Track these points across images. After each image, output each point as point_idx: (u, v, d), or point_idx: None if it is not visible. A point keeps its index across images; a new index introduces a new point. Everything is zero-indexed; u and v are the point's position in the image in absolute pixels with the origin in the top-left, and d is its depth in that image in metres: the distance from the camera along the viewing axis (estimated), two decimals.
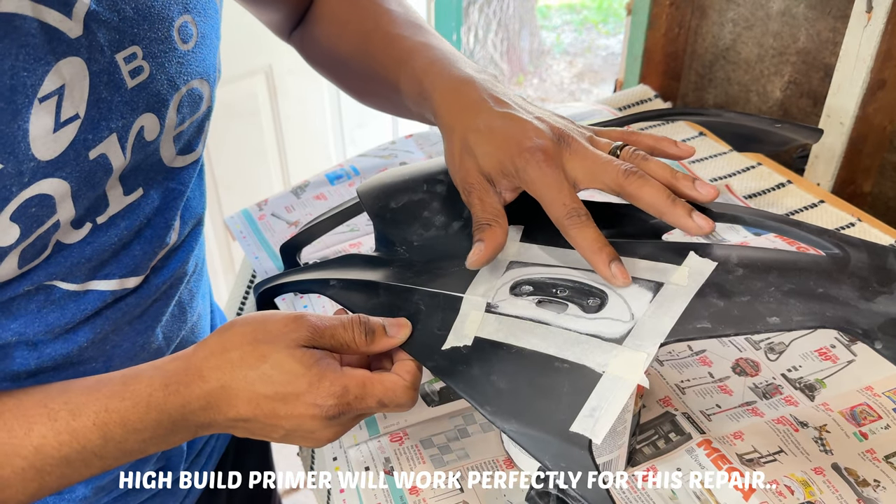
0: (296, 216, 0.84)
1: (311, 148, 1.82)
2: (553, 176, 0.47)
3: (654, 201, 0.47)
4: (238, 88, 1.58)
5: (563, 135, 0.49)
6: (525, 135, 0.48)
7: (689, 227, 0.46)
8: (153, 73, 0.44)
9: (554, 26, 4.43)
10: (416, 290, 0.51)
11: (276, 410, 0.43)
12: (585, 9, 4.56)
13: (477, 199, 0.50)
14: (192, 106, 0.49)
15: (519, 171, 0.48)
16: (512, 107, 0.51)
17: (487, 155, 0.49)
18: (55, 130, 0.39)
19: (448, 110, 0.52)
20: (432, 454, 0.56)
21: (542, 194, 0.48)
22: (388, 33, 0.59)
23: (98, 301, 0.48)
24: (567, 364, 0.44)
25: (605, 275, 0.46)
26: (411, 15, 0.61)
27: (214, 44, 0.51)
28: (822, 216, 0.78)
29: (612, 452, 0.51)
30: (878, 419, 0.56)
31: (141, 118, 0.44)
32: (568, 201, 0.47)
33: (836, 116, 0.83)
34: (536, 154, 0.48)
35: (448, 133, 0.52)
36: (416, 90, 0.55)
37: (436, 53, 0.55)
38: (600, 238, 0.47)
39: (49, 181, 0.40)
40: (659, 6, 1.01)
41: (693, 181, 0.49)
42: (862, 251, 0.46)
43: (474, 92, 0.52)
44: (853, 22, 0.78)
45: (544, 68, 4.07)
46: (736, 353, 0.62)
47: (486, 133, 0.49)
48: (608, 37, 4.31)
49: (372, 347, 0.46)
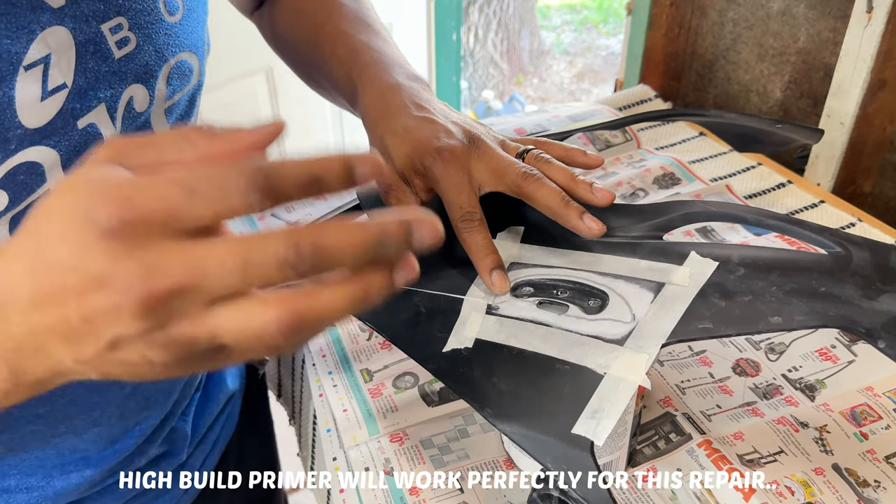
0: (296, 216, 0.84)
1: (311, 148, 1.82)
2: (457, 177, 0.50)
3: (548, 203, 0.49)
4: (238, 88, 1.58)
5: (474, 137, 0.52)
6: (436, 135, 0.51)
7: (579, 229, 0.49)
8: (140, 44, 0.44)
9: (554, 26, 4.42)
10: (417, 291, 0.51)
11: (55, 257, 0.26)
12: (585, 9, 4.56)
13: (394, 199, 0.52)
14: (181, 78, 0.49)
15: (427, 168, 0.51)
16: (431, 112, 0.54)
17: (402, 155, 0.52)
18: (42, 98, 0.39)
19: (372, 114, 0.55)
20: (432, 454, 0.56)
21: (444, 193, 0.50)
22: (337, 28, 0.61)
23: None
24: (568, 365, 0.44)
25: (486, 279, 0.49)
26: (362, 12, 0.64)
27: (202, 17, 0.51)
28: (823, 216, 0.77)
29: (612, 453, 0.51)
30: (879, 419, 0.56)
31: (130, 89, 0.44)
32: (465, 204, 0.50)
33: (836, 116, 0.83)
34: (444, 153, 0.50)
35: (370, 134, 0.55)
36: (349, 91, 0.58)
37: (373, 56, 0.58)
38: (489, 244, 0.49)
39: (37, 149, 0.40)
40: (659, 6, 1.01)
41: (591, 185, 0.51)
42: (864, 249, 0.46)
43: (398, 98, 0.55)
44: (853, 22, 0.78)
45: (544, 68, 4.07)
46: (736, 353, 0.62)
47: (402, 134, 0.52)
48: (608, 37, 4.31)
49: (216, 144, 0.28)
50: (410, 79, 0.57)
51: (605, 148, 0.90)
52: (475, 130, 0.53)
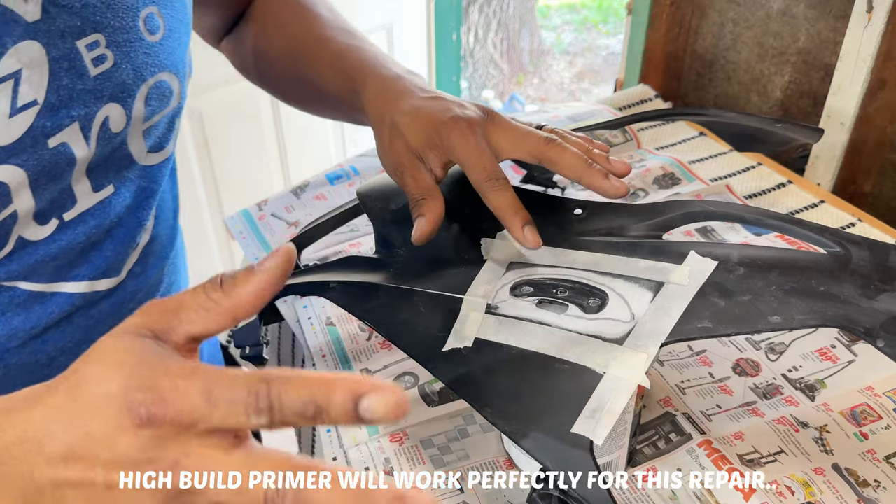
0: (296, 216, 0.84)
1: (311, 148, 1.82)
2: (475, 142, 0.50)
3: (573, 164, 0.50)
4: (239, 89, 1.58)
5: (488, 111, 0.53)
6: (449, 108, 0.52)
7: (605, 188, 0.50)
8: (118, 63, 0.43)
9: (554, 26, 4.43)
10: (416, 291, 0.51)
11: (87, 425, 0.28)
12: (585, 9, 4.56)
13: (410, 178, 0.52)
14: (161, 99, 0.48)
15: (443, 138, 0.51)
16: (439, 94, 0.54)
17: (415, 132, 0.52)
18: (11, 115, 0.38)
19: (377, 103, 0.55)
20: (432, 454, 0.56)
21: (464, 159, 0.50)
22: (320, 36, 0.62)
23: (66, 304, 0.46)
24: (568, 365, 0.44)
25: (518, 236, 0.49)
26: (340, 21, 0.64)
27: (184, 39, 0.50)
28: (823, 216, 0.77)
29: (612, 453, 0.51)
30: (879, 419, 0.56)
31: (105, 108, 0.43)
32: (488, 165, 0.50)
33: (836, 116, 0.83)
34: (460, 122, 0.51)
35: (378, 123, 0.55)
36: (347, 88, 0.58)
37: (366, 55, 0.59)
38: (516, 202, 0.50)
39: (3, 168, 0.38)
40: (659, 6, 1.01)
41: (607, 155, 0.52)
42: (863, 249, 0.46)
43: (401, 86, 0.55)
44: (853, 22, 0.78)
45: (544, 68, 4.07)
46: (736, 353, 0.62)
47: (413, 114, 0.53)
48: (608, 37, 4.31)
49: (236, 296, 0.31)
50: (407, 73, 0.57)
51: None
52: (486, 106, 0.54)
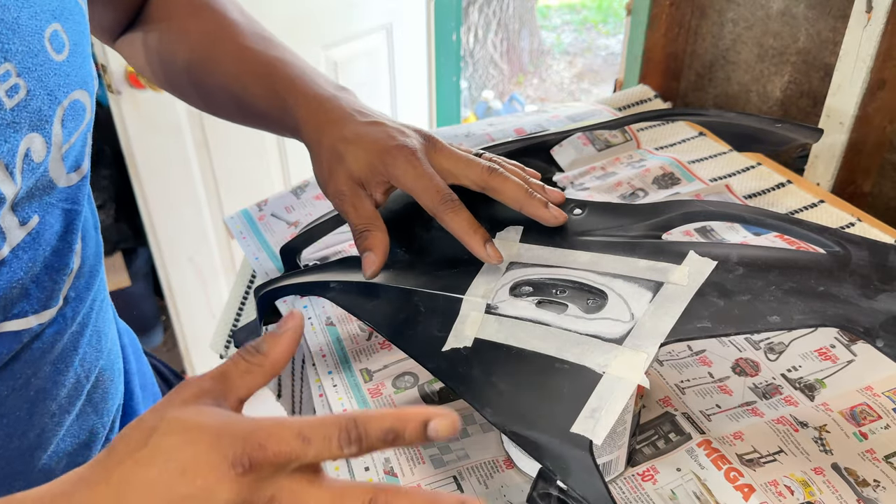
0: (296, 216, 0.84)
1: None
2: (422, 167, 0.51)
3: (514, 195, 0.52)
4: None
5: (428, 136, 0.53)
6: (391, 135, 0.52)
7: (545, 218, 0.52)
8: (31, 90, 0.41)
9: (554, 26, 4.43)
10: (416, 291, 0.51)
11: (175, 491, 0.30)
12: (585, 9, 4.56)
13: (350, 207, 0.52)
14: (75, 119, 0.45)
15: (388, 166, 0.51)
16: (376, 117, 0.54)
17: (357, 159, 0.52)
18: None
19: (314, 125, 0.55)
20: (432, 454, 0.56)
21: (412, 185, 0.51)
22: (238, 45, 0.60)
23: (14, 343, 0.44)
24: (567, 365, 0.44)
25: (482, 255, 0.51)
26: (255, 26, 0.62)
27: (87, 51, 0.47)
28: (822, 216, 0.77)
29: (612, 453, 0.51)
30: (878, 419, 0.56)
31: (26, 139, 0.41)
32: (440, 188, 0.51)
33: (835, 116, 0.83)
34: (404, 150, 0.51)
35: (315, 146, 0.55)
36: (276, 105, 0.57)
37: (294, 70, 0.58)
38: (473, 221, 0.51)
39: None
40: (659, 6, 1.01)
41: (543, 186, 0.55)
42: (863, 249, 0.46)
43: (337, 107, 0.55)
44: (853, 22, 0.78)
45: (544, 68, 4.07)
46: (736, 353, 0.62)
47: (355, 140, 0.52)
48: (608, 37, 4.31)
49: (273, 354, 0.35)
50: (339, 90, 0.57)
51: (604, 148, 0.90)
52: (424, 131, 0.54)
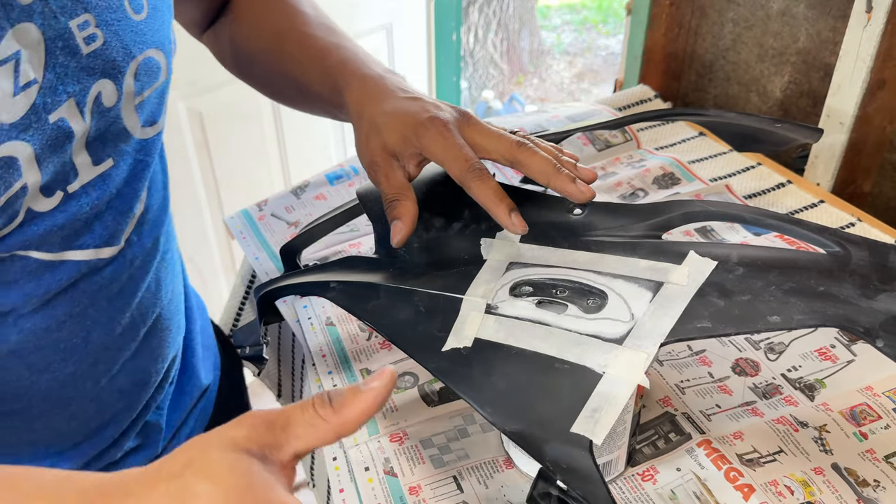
0: (296, 216, 0.85)
1: (311, 148, 1.82)
2: (451, 138, 0.52)
3: (542, 168, 0.52)
4: (239, 89, 1.57)
5: (464, 112, 0.55)
6: (426, 108, 0.54)
7: (571, 192, 0.52)
8: (107, 41, 0.46)
9: (554, 26, 4.43)
10: (416, 291, 0.51)
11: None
12: (585, 9, 4.56)
13: (383, 177, 0.54)
14: (149, 75, 0.50)
15: (420, 137, 0.52)
16: (417, 93, 0.56)
17: (392, 131, 0.53)
18: (15, 94, 0.41)
19: (359, 101, 0.57)
20: (432, 454, 0.56)
21: (442, 155, 0.52)
22: (303, 33, 0.63)
23: (73, 271, 0.49)
24: (567, 365, 0.44)
25: (506, 223, 0.52)
26: (323, 18, 0.66)
27: (167, 17, 0.53)
28: (822, 216, 0.78)
29: (612, 453, 0.51)
30: (878, 419, 0.56)
31: (98, 84, 0.46)
32: (469, 156, 0.52)
33: (835, 116, 0.83)
34: (436, 121, 0.53)
35: (357, 120, 0.57)
36: (329, 85, 0.60)
37: (348, 54, 0.61)
38: (499, 190, 0.52)
39: (12, 144, 0.41)
40: (659, 6, 1.01)
41: (575, 163, 0.54)
42: (863, 249, 0.46)
43: (383, 85, 0.57)
44: (853, 22, 0.78)
45: (544, 68, 4.07)
46: (736, 352, 0.62)
47: (391, 113, 0.54)
48: (608, 37, 4.31)
49: (345, 416, 0.35)
50: (387, 72, 0.59)
51: (604, 148, 0.90)
52: (462, 109, 0.55)
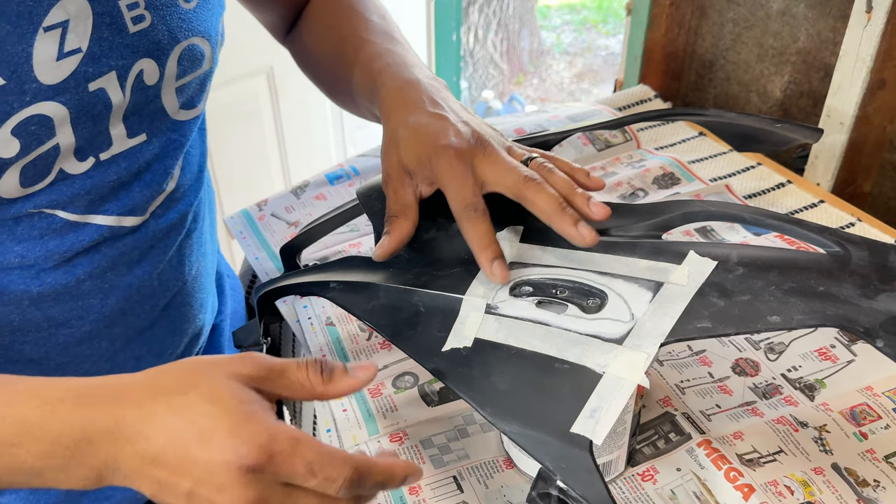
0: (296, 216, 0.85)
1: (311, 148, 1.82)
2: (460, 171, 0.51)
3: (545, 207, 0.50)
4: (239, 89, 1.58)
5: (481, 138, 0.53)
6: (445, 133, 0.53)
7: (571, 236, 0.49)
8: (154, 23, 0.48)
9: (554, 26, 4.43)
10: (416, 291, 0.51)
11: (187, 449, 0.36)
12: (585, 9, 4.56)
13: (392, 191, 0.54)
14: (192, 61, 0.52)
15: (432, 163, 0.52)
16: (444, 109, 0.55)
17: (409, 147, 0.53)
18: (58, 59, 0.43)
19: (389, 106, 0.57)
20: (432, 454, 0.56)
21: (446, 186, 0.52)
22: (362, 39, 0.64)
23: (96, 234, 0.51)
24: (567, 365, 0.44)
25: (486, 270, 0.50)
26: (388, 26, 0.66)
27: (217, 9, 0.55)
28: (822, 216, 0.77)
29: (612, 453, 0.51)
30: (878, 419, 0.56)
31: (141, 62, 0.48)
32: (468, 195, 0.51)
33: (836, 116, 0.83)
34: (449, 150, 0.52)
35: (384, 126, 0.57)
36: (368, 87, 0.60)
37: (395, 58, 0.61)
38: (489, 235, 0.50)
39: (49, 104, 0.44)
40: (659, 6, 1.01)
41: (589, 199, 0.51)
42: (863, 249, 0.46)
43: (415, 92, 0.56)
44: (853, 22, 0.78)
45: (544, 68, 4.07)
46: (736, 353, 0.62)
47: (413, 128, 0.54)
48: (608, 37, 4.31)
49: (329, 388, 0.40)
50: (429, 78, 0.59)
51: (604, 148, 0.90)
52: (483, 132, 0.54)
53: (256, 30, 0.74)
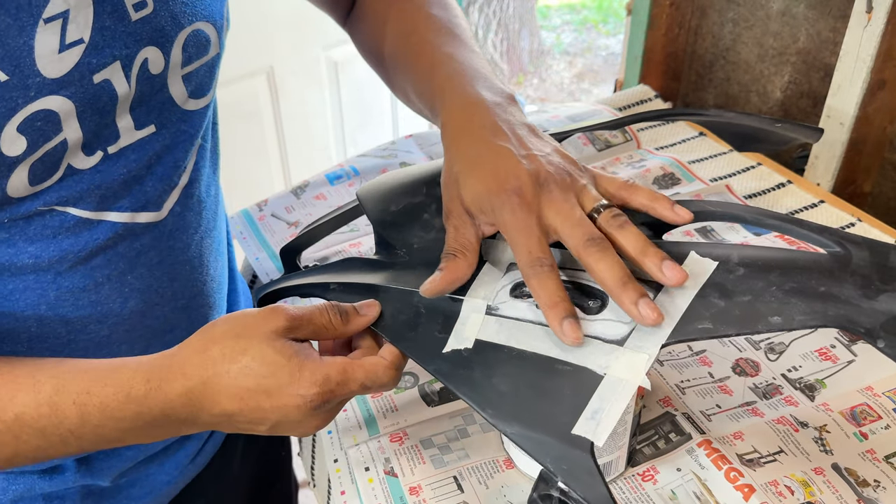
0: (296, 216, 0.85)
1: (311, 148, 1.82)
2: (524, 221, 0.47)
3: (605, 278, 0.45)
4: (240, 89, 1.58)
5: (546, 180, 0.49)
6: (506, 175, 0.48)
7: (632, 314, 0.44)
8: (157, 9, 0.47)
9: (554, 26, 4.43)
10: (417, 292, 0.51)
11: (260, 403, 0.43)
12: (585, 9, 4.56)
13: (452, 228, 0.51)
14: (198, 47, 0.51)
15: (495, 210, 0.48)
16: (509, 139, 0.51)
17: (469, 188, 0.50)
18: (60, 51, 0.42)
19: (449, 132, 0.53)
20: (432, 454, 0.56)
21: (512, 238, 0.48)
22: (423, 39, 0.60)
23: (110, 231, 0.50)
24: (568, 366, 0.44)
25: (556, 331, 0.45)
26: (452, 20, 0.61)
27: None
28: (823, 216, 0.78)
29: (612, 453, 0.51)
30: (879, 419, 0.56)
31: (145, 50, 0.47)
32: (535, 249, 0.47)
33: (836, 116, 0.83)
34: (513, 197, 0.48)
35: (445, 153, 0.53)
36: (430, 104, 0.57)
37: (456, 68, 0.56)
38: (559, 291, 0.45)
39: (54, 98, 0.43)
40: (659, 6, 1.01)
41: (662, 261, 0.45)
42: (863, 249, 0.46)
43: (477, 117, 0.52)
44: (853, 22, 0.78)
45: (544, 68, 4.07)
46: (736, 353, 0.62)
47: (472, 166, 0.50)
48: (608, 37, 4.31)
49: (347, 328, 0.48)
50: (494, 93, 0.54)
51: (604, 148, 0.90)
52: (551, 170, 0.49)
53: (257, 30, 0.74)
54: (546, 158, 0.50)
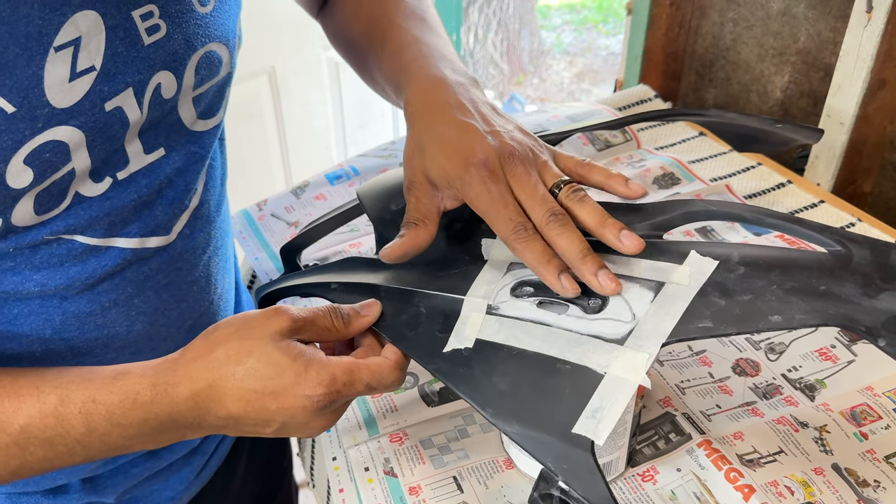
0: (296, 216, 0.84)
1: (311, 148, 1.82)
2: (498, 191, 0.48)
3: (566, 251, 0.47)
4: (241, 90, 1.58)
5: (510, 155, 0.50)
6: (473, 150, 0.49)
7: (592, 285, 0.46)
8: (170, 33, 0.46)
9: (554, 26, 4.43)
10: (417, 292, 0.51)
11: (266, 405, 0.43)
12: (585, 9, 4.56)
13: (413, 198, 0.51)
14: (210, 69, 0.50)
15: (464, 184, 0.49)
16: (473, 116, 0.52)
17: (435, 161, 0.50)
18: (71, 80, 0.41)
19: (414, 107, 0.54)
20: (432, 454, 0.56)
21: (486, 210, 0.48)
22: (391, 22, 0.61)
23: (119, 258, 0.49)
24: (568, 365, 0.44)
25: (555, 286, 0.47)
26: (422, 6, 0.63)
27: (234, 10, 0.52)
28: (823, 216, 0.77)
29: (612, 453, 0.51)
30: (879, 419, 0.56)
31: (158, 75, 0.46)
32: (514, 216, 0.48)
33: (836, 116, 0.83)
34: (482, 170, 0.48)
35: (409, 128, 0.54)
36: (395, 79, 0.58)
37: (423, 50, 0.57)
38: (547, 251, 0.47)
39: (63, 128, 0.41)
40: (659, 6, 1.01)
41: (620, 231, 0.47)
42: (864, 248, 0.46)
43: (442, 94, 0.53)
44: (853, 22, 0.78)
45: (544, 68, 4.07)
46: (736, 353, 0.62)
47: (439, 139, 0.51)
48: (608, 37, 4.31)
49: (350, 329, 0.48)
50: (459, 74, 0.55)
51: (604, 148, 0.90)
52: (514, 145, 0.50)
53: (259, 30, 0.74)
54: (509, 135, 0.51)
